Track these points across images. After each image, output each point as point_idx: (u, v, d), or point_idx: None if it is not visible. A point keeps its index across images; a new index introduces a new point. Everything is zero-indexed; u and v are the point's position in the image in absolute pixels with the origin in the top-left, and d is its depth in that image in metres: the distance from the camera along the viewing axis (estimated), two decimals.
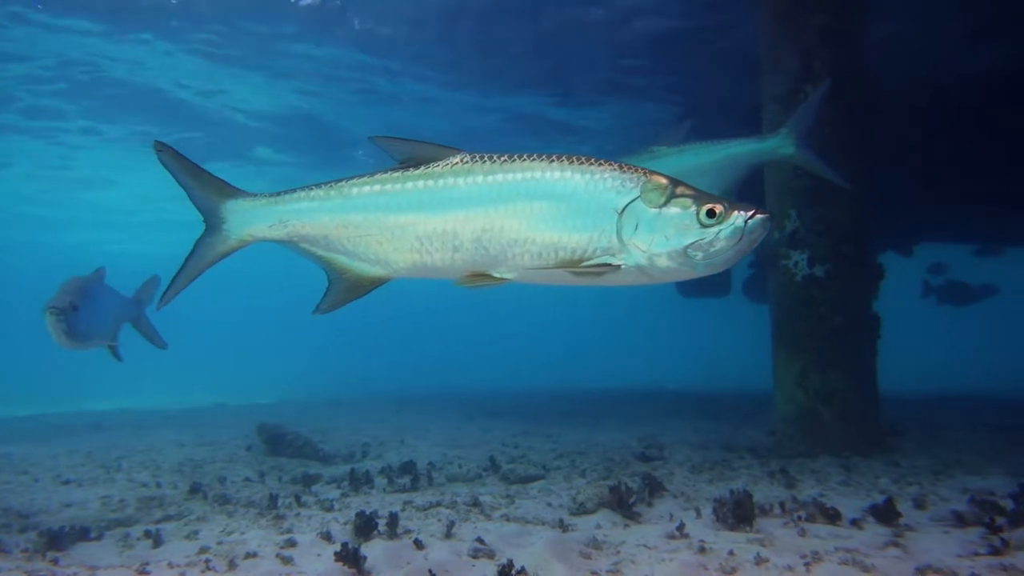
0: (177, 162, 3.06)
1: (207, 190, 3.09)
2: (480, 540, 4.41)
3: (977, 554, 3.84)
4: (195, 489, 6.32)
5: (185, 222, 5.02)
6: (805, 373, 7.54)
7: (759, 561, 3.76)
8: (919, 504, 5.09)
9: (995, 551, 3.85)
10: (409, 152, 2.94)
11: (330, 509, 5.56)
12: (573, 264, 2.76)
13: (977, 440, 8.56)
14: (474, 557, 4.16)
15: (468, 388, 21.24)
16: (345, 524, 4.90)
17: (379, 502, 5.74)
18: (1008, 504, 4.59)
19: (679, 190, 2.72)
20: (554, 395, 17.79)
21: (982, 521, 4.37)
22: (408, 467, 6.98)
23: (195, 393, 21.25)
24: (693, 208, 2.68)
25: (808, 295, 7.52)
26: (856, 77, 7.41)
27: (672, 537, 4.37)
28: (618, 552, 4.13)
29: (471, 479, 6.77)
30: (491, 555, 4.16)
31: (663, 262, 2.70)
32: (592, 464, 7.25)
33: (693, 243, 2.67)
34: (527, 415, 12.96)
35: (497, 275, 2.87)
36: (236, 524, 5.14)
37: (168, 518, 5.46)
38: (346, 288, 3.03)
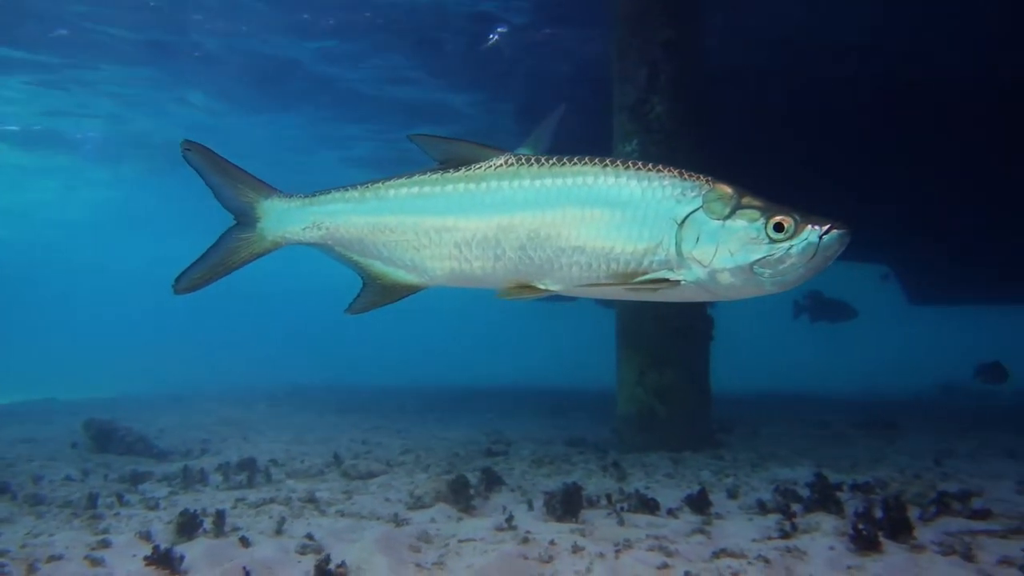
0: (208, 161, 2.84)
1: (240, 189, 2.87)
2: (310, 536, 4.36)
3: (770, 538, 4.20)
4: (2, 489, 5.84)
5: None
6: (644, 371, 7.93)
7: (575, 550, 3.94)
8: (732, 494, 5.50)
9: (785, 535, 4.23)
10: (449, 152, 2.74)
11: (154, 508, 5.30)
12: (626, 278, 2.56)
13: (796, 436, 9.33)
14: (301, 553, 4.10)
15: (324, 384, 20.78)
16: (168, 523, 4.68)
17: (210, 500, 5.53)
18: (805, 492, 5.06)
19: (745, 200, 2.52)
20: (412, 392, 17.74)
21: (781, 508, 4.79)
22: (247, 464, 6.76)
23: (22, 387, 19.54)
24: (761, 221, 2.48)
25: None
26: (698, 88, 7.90)
27: (500, 529, 4.48)
28: (447, 545, 4.20)
29: (312, 475, 6.66)
30: (319, 551, 4.11)
31: (726, 279, 2.50)
32: (437, 459, 7.32)
33: (760, 259, 2.47)
34: (381, 411, 12.87)
35: (542, 287, 2.67)
36: (45, 525, 4.80)
37: None
38: (380, 292, 2.84)
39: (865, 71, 10.07)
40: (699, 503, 4.90)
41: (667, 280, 2.53)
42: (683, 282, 2.52)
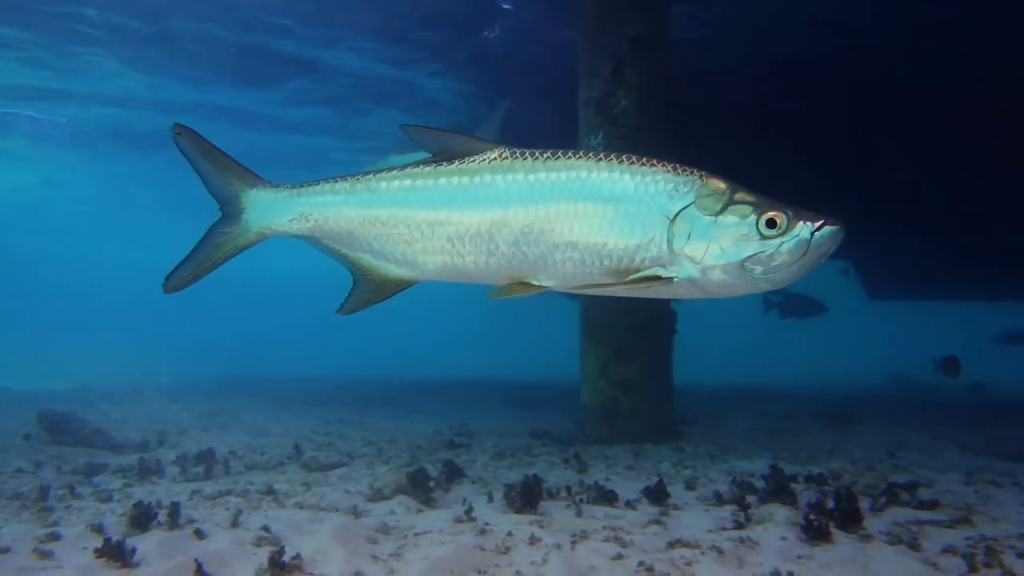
0: (197, 146, 2.77)
1: (227, 177, 2.81)
2: (266, 528, 4.32)
3: (724, 528, 4.26)
4: None
5: None
6: (608, 364, 7.98)
7: (532, 541, 3.96)
8: (690, 486, 5.56)
9: (739, 525, 4.29)
10: (442, 144, 2.69)
11: (108, 500, 5.21)
12: (619, 275, 2.53)
13: (757, 428, 9.47)
14: (257, 546, 4.06)
15: (290, 376, 20.59)
16: (122, 516, 4.61)
17: (165, 492, 5.46)
18: (761, 484, 5.14)
19: (738, 196, 2.49)
20: (377, 383, 17.65)
21: (736, 499, 4.86)
22: (205, 455, 6.67)
23: None
24: (752, 217, 2.45)
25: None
26: (664, 83, 7.94)
27: (459, 521, 4.49)
28: (405, 537, 4.19)
29: (271, 467, 6.59)
30: (275, 543, 4.07)
31: (717, 276, 2.47)
32: (399, 451, 7.30)
33: (751, 256, 2.44)
34: (345, 403, 12.80)
35: (536, 283, 2.63)
36: None
37: None
38: (371, 289, 2.79)
39: (827, 64, 10.12)
40: (657, 495, 4.95)
41: (659, 278, 2.50)
42: (676, 279, 2.50)
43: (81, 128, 18.35)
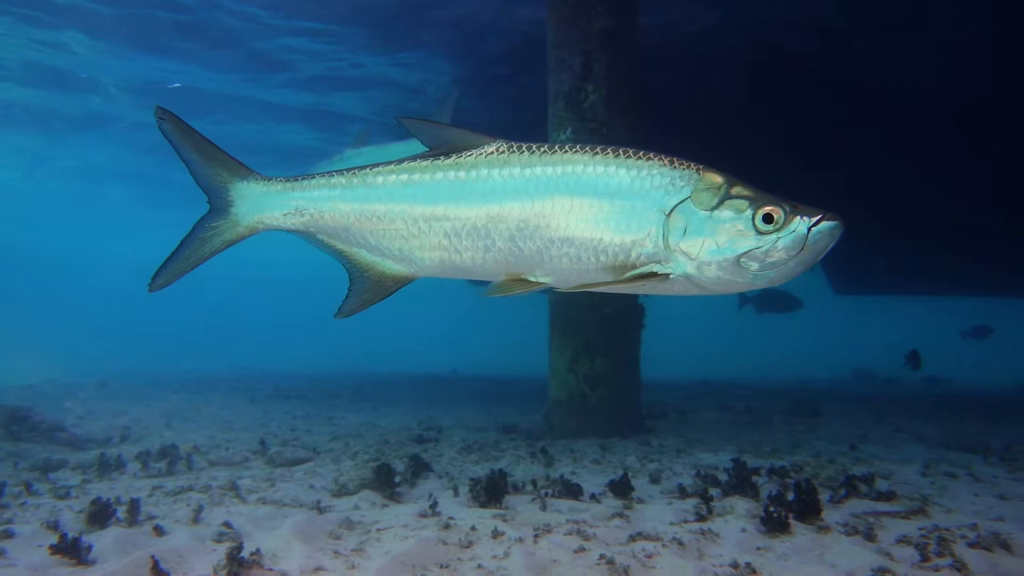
0: (181, 132, 2.66)
1: (215, 167, 2.71)
2: (228, 524, 4.28)
3: (686, 521, 4.30)
4: None
5: None
6: (576, 358, 8.01)
7: (495, 535, 3.96)
8: (654, 479, 5.61)
9: (701, 518, 4.34)
10: (440, 138, 2.63)
11: (65, 497, 5.12)
12: (615, 271, 2.48)
13: (723, 422, 9.57)
14: (217, 542, 4.02)
15: (260, 371, 20.38)
16: (79, 513, 4.54)
17: (125, 488, 5.37)
18: (724, 477, 5.19)
19: (735, 190, 2.42)
20: (348, 379, 17.55)
21: (699, 492, 4.91)
22: (168, 451, 6.59)
23: None
24: (748, 212, 2.38)
25: None
26: (633, 76, 7.97)
27: (423, 515, 4.48)
28: (368, 532, 4.18)
29: (235, 463, 6.52)
30: (236, 539, 4.03)
31: (712, 272, 2.41)
32: (366, 446, 7.26)
33: (747, 252, 2.38)
34: (314, 398, 12.69)
35: (533, 279, 2.57)
36: None
37: None
38: (369, 288, 2.72)
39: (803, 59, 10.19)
40: (621, 488, 4.98)
41: (655, 275, 2.45)
42: (671, 276, 2.44)
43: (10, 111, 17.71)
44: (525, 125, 8.41)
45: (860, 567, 3.46)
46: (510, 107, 12.73)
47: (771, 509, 4.12)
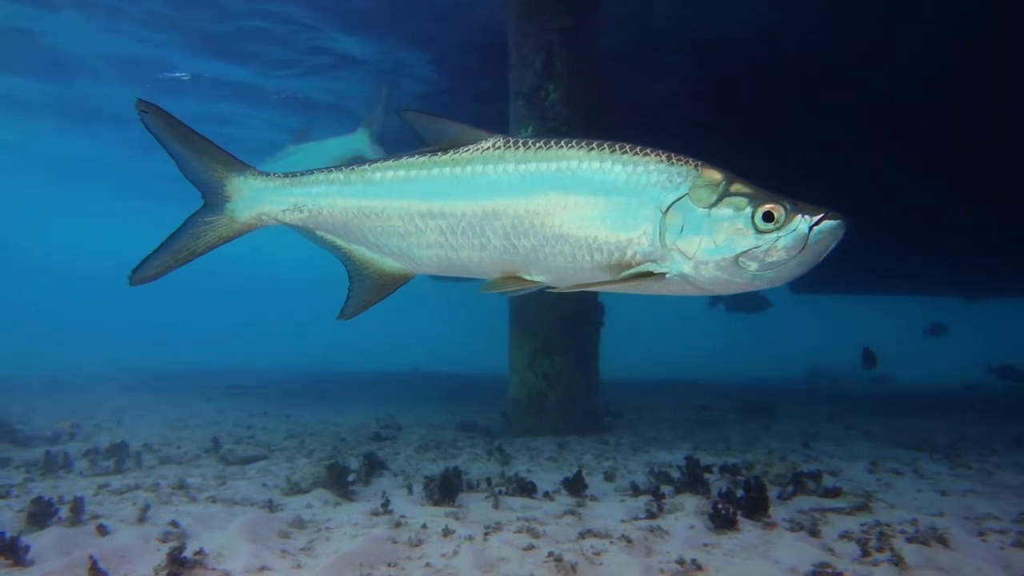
0: (167, 126, 2.56)
1: (207, 162, 2.63)
2: (174, 524, 4.21)
3: (636, 518, 4.35)
4: None
5: None
6: (535, 356, 8.03)
7: (446, 533, 3.96)
8: (609, 477, 5.65)
9: (651, 515, 4.39)
10: (439, 132, 2.57)
11: (5, 496, 4.98)
12: (611, 270, 2.41)
13: (679, 420, 9.68)
14: (163, 541, 3.94)
15: (218, 368, 20.07)
16: (19, 512, 4.42)
17: (70, 487, 5.24)
18: (677, 475, 5.25)
19: (735, 187, 2.34)
20: (307, 377, 17.38)
21: (652, 490, 4.96)
22: (116, 449, 6.43)
23: None
24: (748, 209, 2.31)
25: None
26: (594, 75, 8.00)
27: (375, 514, 4.45)
28: (318, 530, 4.14)
29: (186, 461, 6.41)
30: (182, 539, 3.97)
31: (710, 272, 2.33)
32: (322, 444, 7.19)
33: (746, 251, 2.30)
34: (273, 395, 12.54)
35: (528, 278, 2.51)
36: None
37: None
38: (369, 287, 2.67)
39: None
40: (575, 486, 5.01)
41: (651, 274, 2.38)
42: (668, 275, 2.37)
43: None
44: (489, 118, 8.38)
45: (802, 562, 3.52)
46: (482, 99, 12.66)
47: (720, 506, 4.17)
